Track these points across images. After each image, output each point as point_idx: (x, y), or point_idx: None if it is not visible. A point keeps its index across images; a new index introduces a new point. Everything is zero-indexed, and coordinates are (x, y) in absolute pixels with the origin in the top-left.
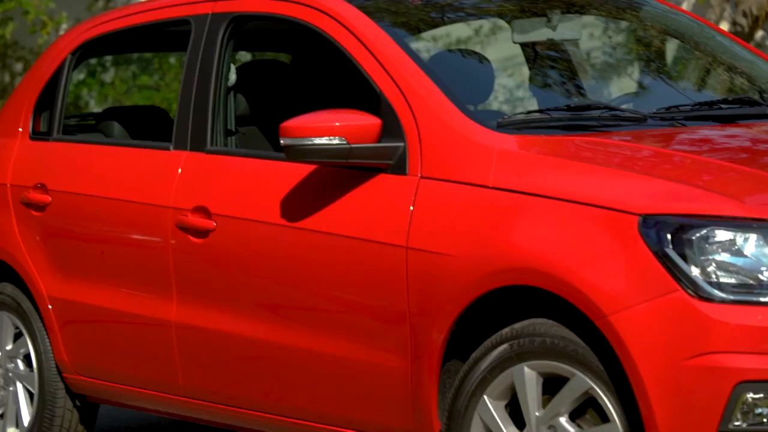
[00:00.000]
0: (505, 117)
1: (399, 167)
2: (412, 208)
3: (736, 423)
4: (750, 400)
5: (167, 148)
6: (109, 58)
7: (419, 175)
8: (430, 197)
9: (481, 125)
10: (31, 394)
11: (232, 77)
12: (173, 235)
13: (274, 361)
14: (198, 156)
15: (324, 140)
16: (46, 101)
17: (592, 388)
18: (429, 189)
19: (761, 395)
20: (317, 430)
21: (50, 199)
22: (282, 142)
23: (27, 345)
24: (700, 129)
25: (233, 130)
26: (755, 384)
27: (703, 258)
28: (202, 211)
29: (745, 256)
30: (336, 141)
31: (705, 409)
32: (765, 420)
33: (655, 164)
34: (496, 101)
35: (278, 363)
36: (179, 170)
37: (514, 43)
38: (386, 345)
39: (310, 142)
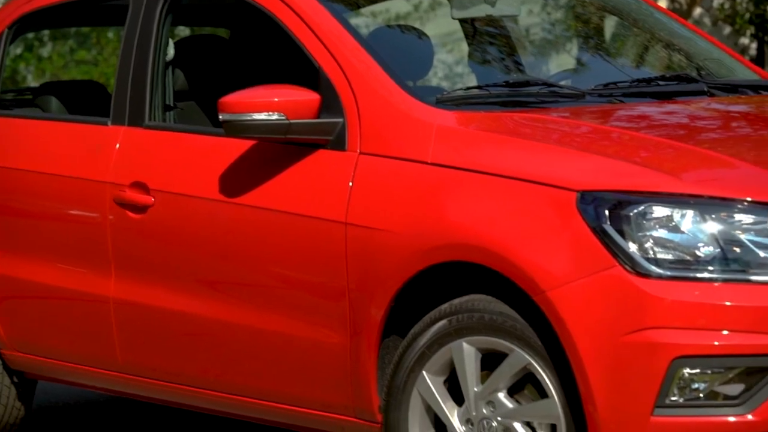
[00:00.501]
0: (444, 93)
1: (338, 143)
2: (351, 183)
3: (673, 398)
4: (687, 375)
5: (105, 123)
6: (46, 32)
7: (358, 150)
8: (369, 173)
9: (420, 101)
10: None
11: (171, 52)
12: (111, 210)
13: (213, 337)
14: (136, 131)
15: (263, 116)
16: None
17: (531, 363)
18: (368, 165)
19: (697, 370)
20: (257, 407)
21: None
22: (221, 117)
23: None
24: (638, 105)
25: (172, 105)
26: (692, 359)
27: (640, 234)
28: (141, 186)
29: (682, 232)
30: (275, 116)
31: (642, 385)
32: (701, 395)
33: (593, 140)
34: (436, 77)
35: (217, 339)
36: (117, 145)
37: (453, 19)
38: (325, 321)
39: (248, 118)
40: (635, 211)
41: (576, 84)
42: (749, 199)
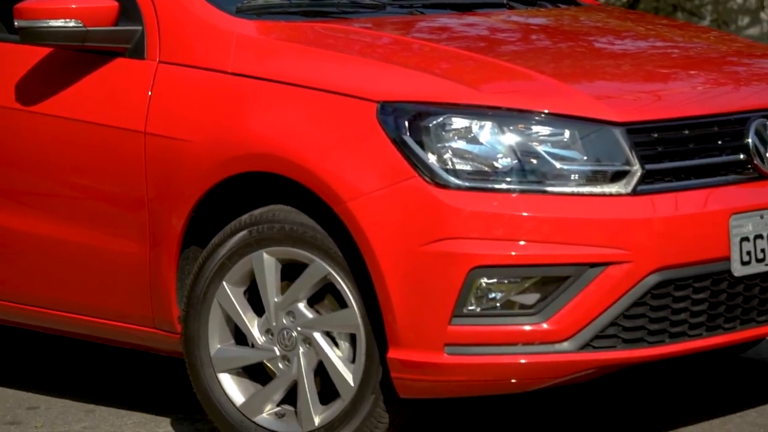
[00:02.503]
0: (245, 2)
1: (137, 51)
2: (150, 93)
3: (471, 308)
4: (484, 285)
5: None
6: None
7: (158, 59)
8: (168, 82)
9: (220, 10)
10: None
11: None
12: None
13: (11, 247)
14: None
15: (59, 23)
16: None
17: (331, 273)
18: (167, 74)
19: (494, 280)
20: (57, 318)
21: None
22: (16, 24)
23: None
24: (439, 17)
25: None
26: (489, 269)
27: (439, 145)
28: None
29: (481, 144)
30: (72, 23)
31: (441, 294)
32: (498, 305)
33: (394, 52)
34: None
35: (16, 250)
36: None
37: None
38: (125, 232)
39: (45, 25)
40: (434, 122)
41: None
42: (546, 111)
